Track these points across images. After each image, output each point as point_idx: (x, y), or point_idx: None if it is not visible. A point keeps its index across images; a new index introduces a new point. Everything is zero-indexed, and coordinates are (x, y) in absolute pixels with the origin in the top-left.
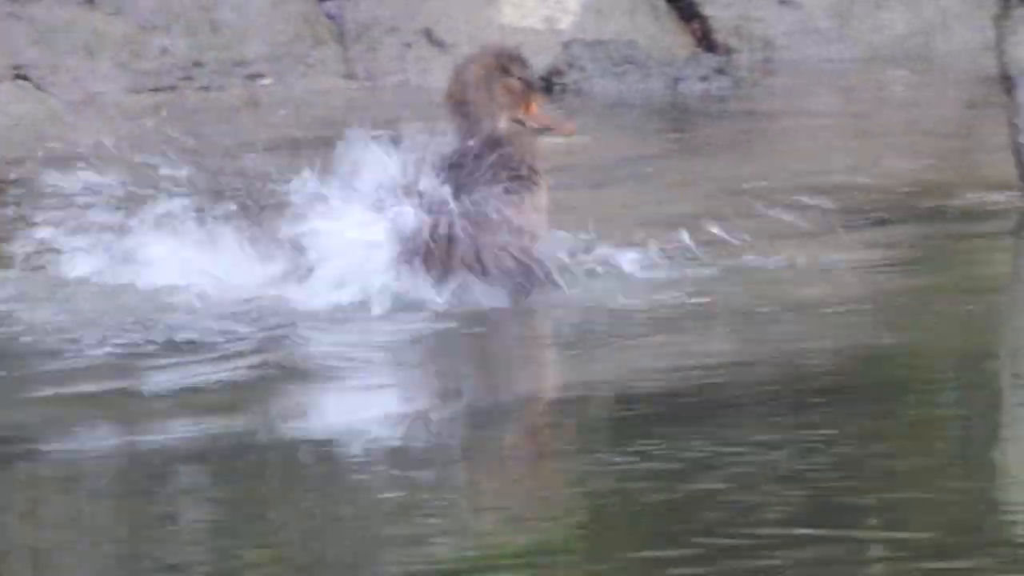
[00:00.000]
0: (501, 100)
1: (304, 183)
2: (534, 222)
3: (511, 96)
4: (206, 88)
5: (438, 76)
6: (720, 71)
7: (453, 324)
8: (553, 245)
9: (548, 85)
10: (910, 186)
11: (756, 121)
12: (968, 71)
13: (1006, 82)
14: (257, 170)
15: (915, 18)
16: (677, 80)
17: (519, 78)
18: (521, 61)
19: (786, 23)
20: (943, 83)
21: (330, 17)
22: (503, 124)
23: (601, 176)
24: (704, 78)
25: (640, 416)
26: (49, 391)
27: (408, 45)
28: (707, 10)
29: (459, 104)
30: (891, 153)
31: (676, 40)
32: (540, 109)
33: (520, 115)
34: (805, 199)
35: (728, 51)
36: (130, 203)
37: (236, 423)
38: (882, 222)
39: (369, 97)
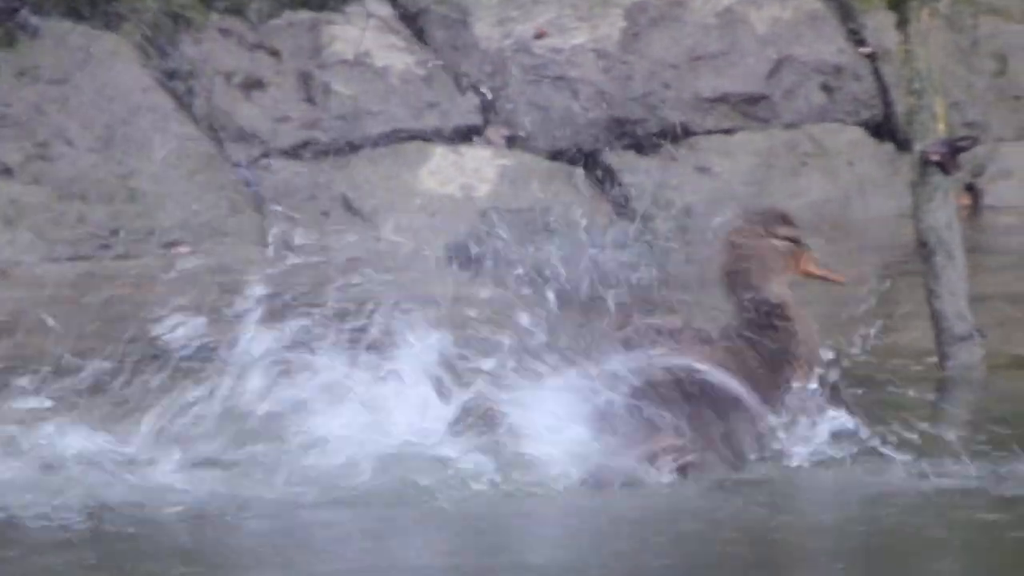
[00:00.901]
0: (773, 265)
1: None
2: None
3: (783, 259)
4: (123, 256)
5: (355, 244)
6: (638, 238)
7: None
8: None
9: (466, 253)
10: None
11: (670, 290)
12: (884, 238)
13: (923, 248)
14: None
15: (831, 185)
16: (594, 248)
17: (786, 238)
18: (786, 219)
19: (704, 191)
20: (860, 250)
21: (247, 185)
22: (778, 290)
23: None
24: (622, 246)
25: None
26: None
27: (326, 213)
28: (625, 178)
29: (733, 274)
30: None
31: (593, 208)
32: (813, 263)
33: (793, 274)
34: None
35: (646, 219)
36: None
37: None
38: None
39: (285, 265)
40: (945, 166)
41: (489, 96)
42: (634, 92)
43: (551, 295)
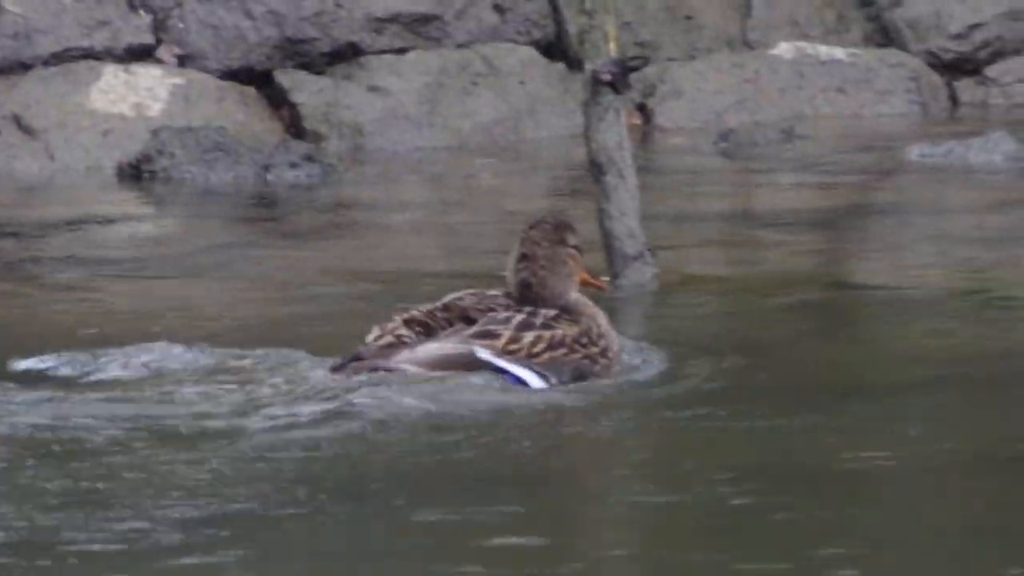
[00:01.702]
0: (567, 272)
1: None
2: None
3: (575, 265)
4: None
5: (27, 162)
6: (309, 158)
7: None
8: None
9: (137, 172)
10: (493, 276)
11: (345, 210)
12: (556, 157)
13: (595, 168)
14: None
15: (503, 105)
16: (267, 167)
17: (574, 246)
18: (572, 229)
19: (376, 110)
20: (532, 170)
21: None
22: (574, 296)
23: (190, 264)
24: (294, 165)
25: None
26: None
27: None
28: (296, 97)
29: (533, 285)
30: (476, 242)
31: (266, 127)
32: (585, 272)
33: (578, 281)
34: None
35: (318, 138)
36: None
37: None
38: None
39: None
40: (616, 86)
41: (160, 15)
42: (306, 12)
43: None
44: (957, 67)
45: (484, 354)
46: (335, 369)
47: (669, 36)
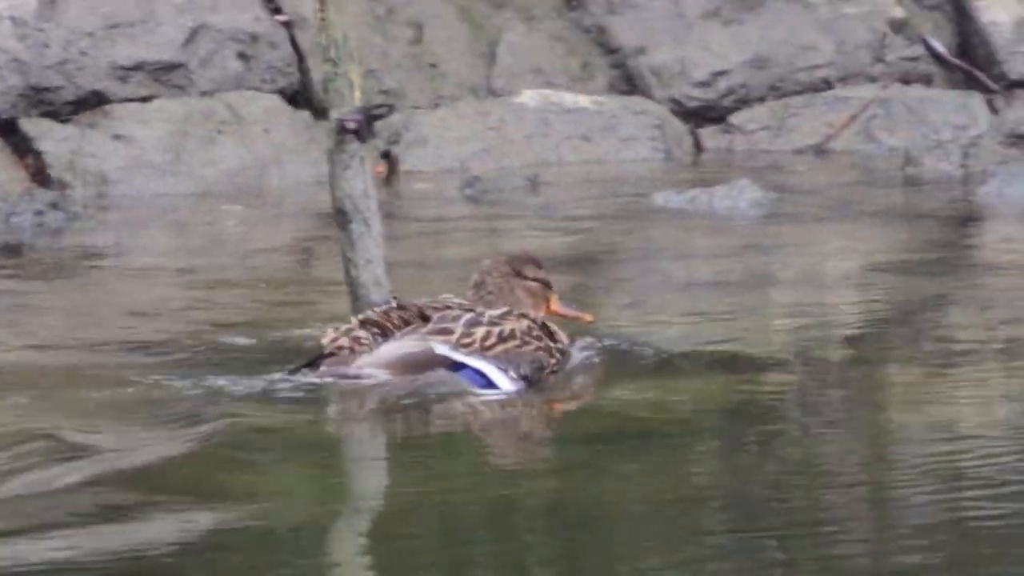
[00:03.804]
0: (525, 304)
1: None
2: None
3: (532, 299)
4: None
5: None
6: (55, 206)
7: None
8: None
9: None
10: (237, 325)
11: (88, 257)
12: (302, 205)
13: (340, 216)
14: None
15: (247, 153)
16: (10, 215)
17: (535, 279)
18: (534, 262)
19: (120, 158)
20: (276, 217)
21: None
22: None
23: None
24: (39, 213)
25: None
26: None
27: None
28: (41, 145)
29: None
30: (220, 290)
31: (10, 176)
32: (558, 304)
33: (542, 314)
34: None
35: (63, 186)
36: None
37: None
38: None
39: None
40: (361, 134)
41: None
42: (50, 60)
43: None
44: (701, 114)
45: (442, 348)
46: (292, 372)
47: (414, 84)
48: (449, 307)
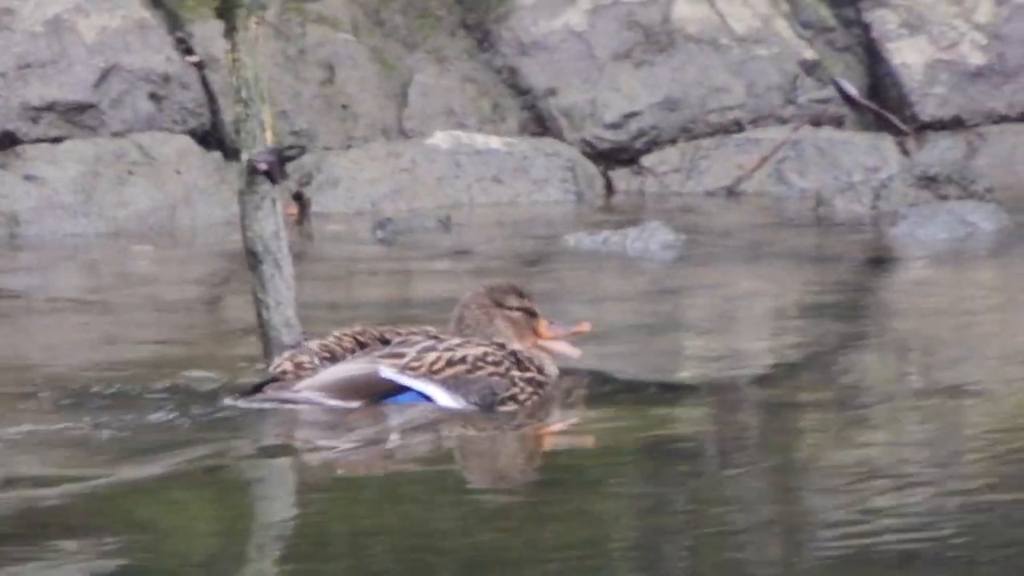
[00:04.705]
0: (507, 334)
1: None
2: None
3: (515, 328)
4: None
5: None
6: None
7: None
8: None
9: None
10: (149, 365)
11: None
12: (213, 246)
13: (251, 257)
14: None
15: (159, 193)
16: None
17: (517, 308)
18: (515, 292)
19: (32, 199)
20: (187, 258)
21: None
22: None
23: None
24: None
25: None
26: None
27: None
28: None
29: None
30: (132, 330)
31: None
32: (548, 328)
33: (530, 342)
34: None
35: None
36: None
37: None
38: (103, 398)
39: None
40: (272, 175)
41: None
42: None
43: None
44: (612, 156)
45: (387, 372)
46: (242, 396)
47: (325, 125)
48: (413, 333)
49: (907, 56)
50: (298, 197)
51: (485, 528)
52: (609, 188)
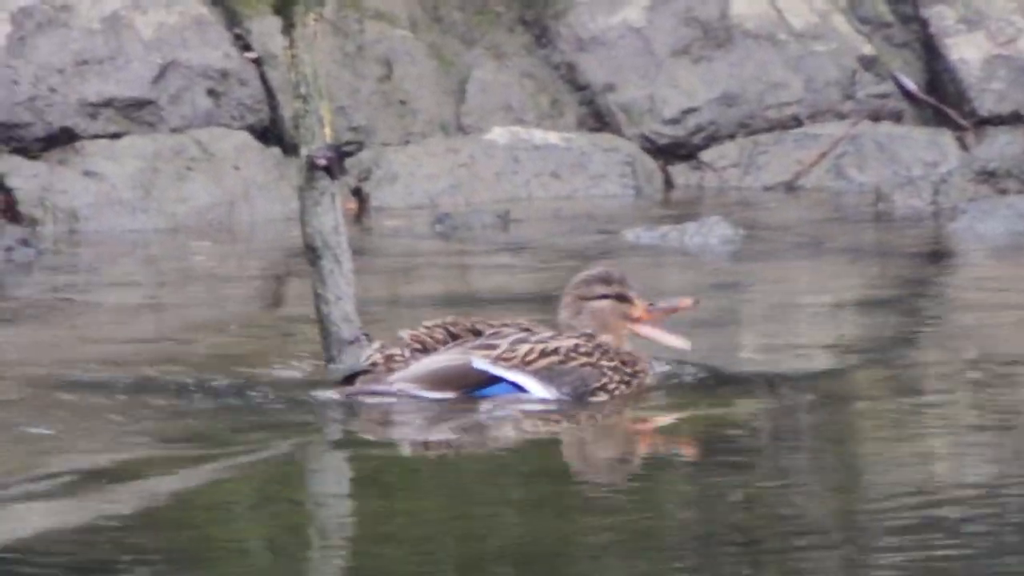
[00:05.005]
0: (594, 325)
1: None
2: None
3: (602, 318)
4: None
5: None
6: (25, 242)
7: None
8: None
9: None
10: (215, 358)
11: (60, 291)
12: (272, 242)
13: (311, 252)
14: None
15: (217, 189)
16: None
17: (604, 295)
18: (602, 280)
19: (91, 194)
20: (246, 254)
21: None
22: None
23: None
24: (9, 249)
25: None
26: None
27: None
28: (11, 182)
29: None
30: (195, 324)
31: None
32: (646, 309)
33: (624, 330)
34: (90, 372)
35: (33, 223)
36: None
37: None
38: (184, 392)
39: None
40: (331, 170)
41: None
42: (20, 97)
43: None
44: (671, 151)
45: (481, 363)
46: (334, 387)
47: (384, 121)
48: (506, 324)
49: (965, 52)
50: (357, 192)
51: (587, 516)
52: (668, 183)
